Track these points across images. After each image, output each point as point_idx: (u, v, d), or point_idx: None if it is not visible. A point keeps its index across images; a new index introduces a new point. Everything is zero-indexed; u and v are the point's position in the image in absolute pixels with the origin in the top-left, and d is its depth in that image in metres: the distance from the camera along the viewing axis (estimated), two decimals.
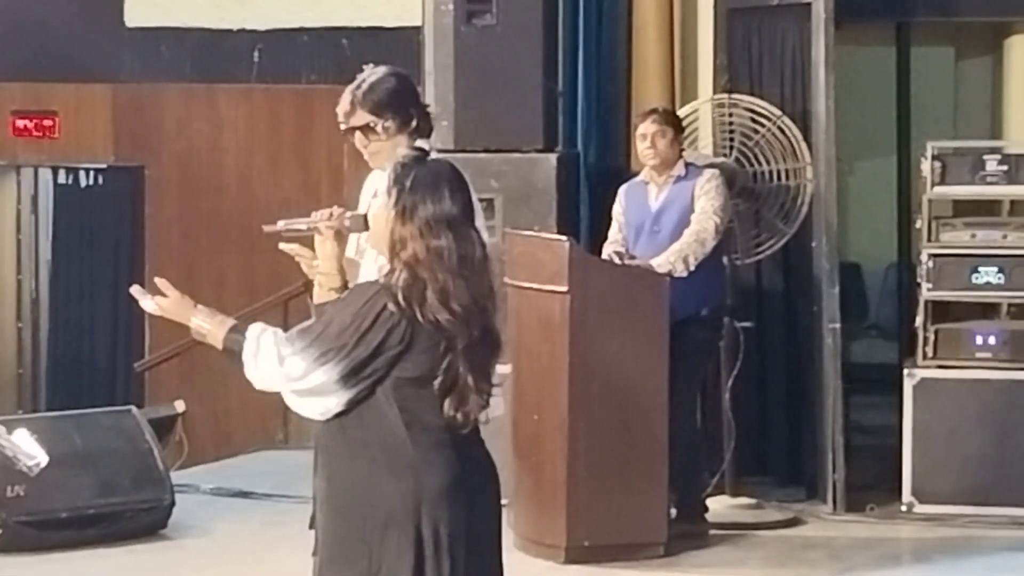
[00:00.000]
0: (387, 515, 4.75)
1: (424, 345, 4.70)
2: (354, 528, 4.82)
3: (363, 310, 4.70)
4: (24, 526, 9.09)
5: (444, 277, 4.67)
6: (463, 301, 4.68)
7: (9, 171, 15.88)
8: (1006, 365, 9.83)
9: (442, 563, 4.74)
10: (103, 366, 15.29)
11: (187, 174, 14.84)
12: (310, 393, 4.74)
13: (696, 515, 9.35)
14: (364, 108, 6.06)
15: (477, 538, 4.84)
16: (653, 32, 10.99)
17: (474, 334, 4.73)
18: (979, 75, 12.22)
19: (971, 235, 10.04)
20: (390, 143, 6.03)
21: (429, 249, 4.68)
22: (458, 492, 4.77)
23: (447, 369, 4.72)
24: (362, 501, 4.80)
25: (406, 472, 4.75)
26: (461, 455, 4.82)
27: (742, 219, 9.92)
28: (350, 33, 14.05)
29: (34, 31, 14.92)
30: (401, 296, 4.66)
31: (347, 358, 4.66)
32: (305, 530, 5.57)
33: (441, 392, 4.73)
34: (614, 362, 8.78)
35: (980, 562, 9.02)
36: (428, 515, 4.74)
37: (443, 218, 4.71)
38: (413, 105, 6.16)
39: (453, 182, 4.81)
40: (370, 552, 4.76)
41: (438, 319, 4.67)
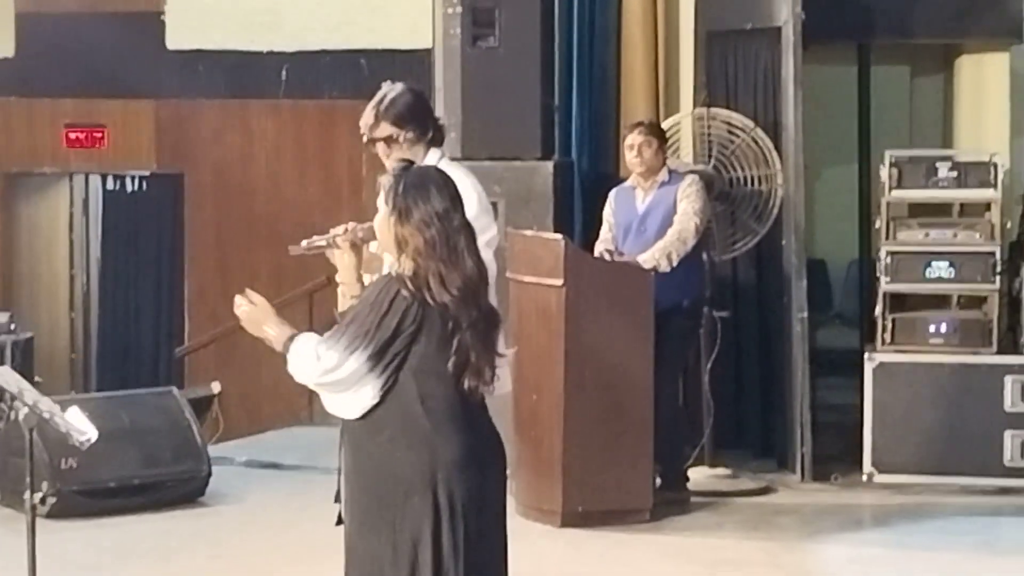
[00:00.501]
0: (407, 485, 4.79)
1: (434, 326, 4.76)
2: (378, 498, 4.85)
3: (379, 299, 4.78)
4: (76, 494, 9.09)
5: (438, 265, 4.77)
6: (458, 284, 4.77)
7: (63, 178, 15.88)
8: (956, 350, 9.81)
9: (456, 526, 4.78)
10: (147, 351, 15.28)
11: (222, 180, 14.82)
12: (347, 386, 4.78)
13: (678, 484, 9.34)
14: (386, 121, 6.07)
15: (486, 504, 4.88)
16: (639, 53, 10.97)
17: (474, 313, 4.80)
18: (932, 91, 12.19)
19: (925, 234, 10.01)
20: (410, 152, 6.03)
21: (425, 240, 4.78)
22: (470, 462, 4.82)
23: (458, 347, 4.78)
24: (384, 474, 4.84)
25: (422, 445, 4.79)
26: (472, 428, 4.86)
27: (719, 220, 9.90)
28: (368, 54, 14.02)
29: (85, 53, 14.89)
30: (410, 283, 4.77)
31: (372, 342, 4.73)
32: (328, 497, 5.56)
33: (456, 368, 4.79)
34: (604, 347, 8.77)
35: (934, 525, 9.00)
36: (443, 483, 4.78)
37: (432, 214, 4.81)
38: (429, 117, 6.17)
39: (438, 183, 4.91)
40: (394, 519, 4.80)
41: (443, 301, 4.74)
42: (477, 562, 4.84)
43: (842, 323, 12.67)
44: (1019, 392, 9.64)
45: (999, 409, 9.66)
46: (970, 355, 9.78)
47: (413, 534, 4.77)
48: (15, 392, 5.76)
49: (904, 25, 10.91)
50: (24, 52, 15.26)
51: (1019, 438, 9.63)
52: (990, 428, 9.66)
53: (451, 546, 4.77)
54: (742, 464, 10.07)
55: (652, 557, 8.32)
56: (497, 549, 4.99)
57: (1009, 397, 9.65)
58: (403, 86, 6.19)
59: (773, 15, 10.11)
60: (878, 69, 11.80)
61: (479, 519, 4.84)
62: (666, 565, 8.19)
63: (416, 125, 6.06)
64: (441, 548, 4.77)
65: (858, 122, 11.68)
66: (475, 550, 4.83)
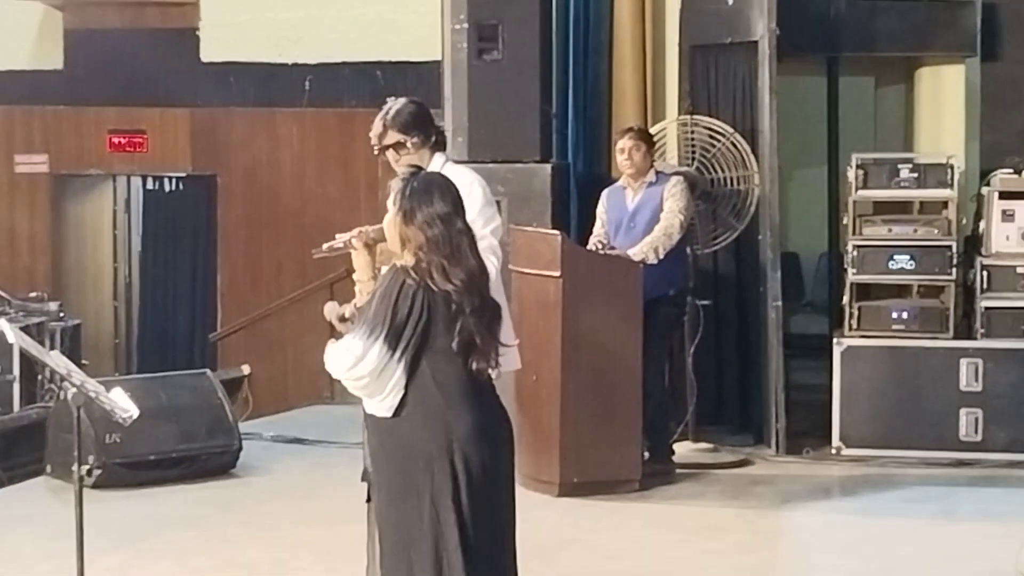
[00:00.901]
0: (427, 458, 4.84)
1: (439, 309, 4.80)
2: (402, 471, 4.89)
3: (389, 288, 4.82)
4: (119, 467, 9.11)
5: (440, 259, 4.81)
6: (461, 276, 4.81)
7: (107, 179, 15.89)
8: (916, 335, 9.81)
9: (473, 492, 4.82)
10: (183, 337, 15.29)
11: (251, 181, 14.84)
12: (374, 378, 4.80)
13: (665, 457, 9.34)
14: (394, 129, 6.07)
15: (498, 474, 4.93)
16: (629, 65, 10.98)
17: (475, 301, 4.83)
18: (894, 99, 12.19)
19: (888, 229, 10.01)
20: (417, 155, 6.04)
21: (428, 239, 4.82)
22: (481, 434, 4.86)
23: (461, 330, 4.80)
24: (405, 448, 4.88)
25: (437, 420, 4.84)
26: (481, 405, 4.90)
27: (702, 217, 9.90)
28: (383, 66, 14.04)
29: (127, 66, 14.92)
30: (413, 271, 4.81)
31: (387, 326, 4.76)
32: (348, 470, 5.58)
33: (462, 350, 4.82)
34: (598, 333, 8.77)
35: (895, 494, 9.01)
36: (459, 452, 4.82)
37: (434, 216, 4.84)
38: (431, 125, 6.17)
39: (441, 188, 4.95)
40: (418, 489, 4.85)
41: (446, 289, 4.78)
42: (490, 526, 4.89)
43: (813, 311, 12.67)
44: (973, 373, 9.65)
45: (955, 389, 9.67)
46: (929, 339, 9.78)
47: (436, 500, 4.82)
48: (64, 374, 5.78)
49: (869, 40, 10.90)
50: (72, 65, 15.29)
51: (973, 415, 9.64)
52: (947, 406, 9.67)
53: (470, 510, 4.82)
54: (722, 439, 10.07)
55: (641, 523, 8.34)
56: (507, 516, 5.03)
57: (964, 378, 9.66)
58: (406, 99, 6.20)
59: (750, 30, 10.11)
60: (845, 80, 11.80)
61: (491, 488, 4.88)
62: (654, 530, 8.20)
63: (420, 131, 6.07)
64: (462, 511, 4.81)
65: (827, 128, 11.68)
66: (489, 515, 4.88)
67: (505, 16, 10.04)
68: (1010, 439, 9.65)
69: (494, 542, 4.93)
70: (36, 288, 14.73)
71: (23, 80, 15.39)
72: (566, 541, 7.92)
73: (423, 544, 4.85)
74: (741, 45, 10.26)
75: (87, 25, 15.23)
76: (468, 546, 4.81)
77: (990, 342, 9.73)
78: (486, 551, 4.87)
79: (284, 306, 14.13)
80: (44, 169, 15.61)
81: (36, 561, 7.54)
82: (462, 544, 4.80)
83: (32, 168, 15.60)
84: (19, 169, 15.62)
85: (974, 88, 10.75)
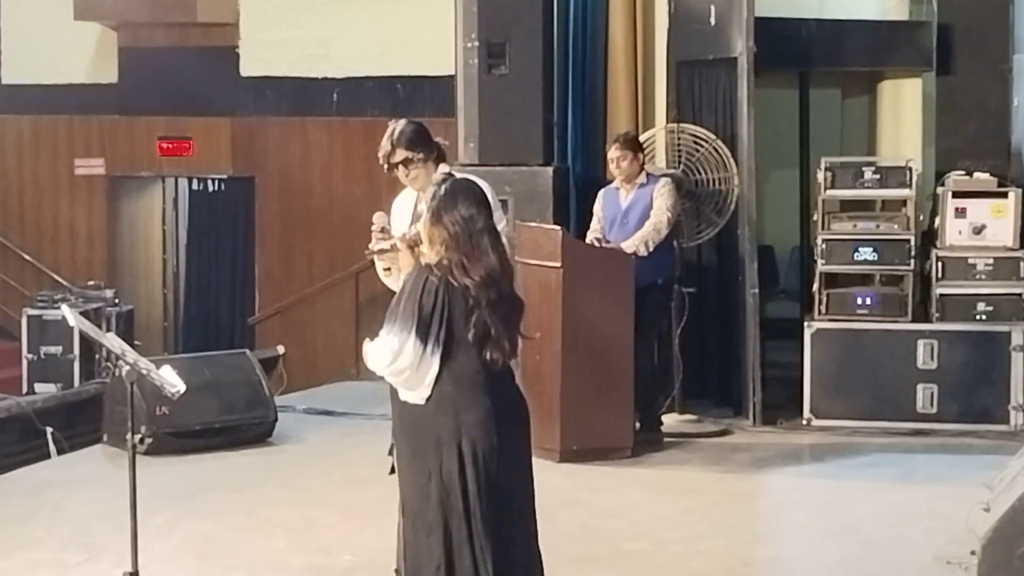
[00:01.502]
0: (437, 440, 4.79)
1: (458, 304, 4.74)
2: (417, 450, 4.86)
3: (415, 285, 4.77)
4: (168, 436, 9.11)
5: (459, 257, 4.76)
6: (480, 273, 4.74)
7: (156, 180, 15.88)
8: (878, 319, 9.81)
9: (479, 471, 4.77)
10: (225, 320, 15.27)
11: (285, 182, 14.81)
12: (412, 371, 4.74)
13: (654, 427, 9.34)
14: (401, 147, 5.96)
15: (508, 456, 4.84)
16: (622, 78, 10.97)
17: (492, 296, 4.75)
18: (859, 109, 12.16)
19: (853, 225, 10.02)
20: (424, 169, 5.99)
21: (449, 236, 4.78)
22: (489, 423, 4.79)
23: (476, 323, 4.74)
24: (420, 431, 4.84)
25: (449, 406, 4.78)
26: (493, 393, 4.82)
27: (687, 214, 9.89)
28: (403, 80, 14.02)
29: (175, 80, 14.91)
30: (435, 269, 4.77)
31: (416, 320, 4.71)
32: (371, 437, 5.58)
33: (477, 342, 4.75)
34: (594, 317, 8.76)
35: (859, 460, 9.01)
36: (467, 438, 4.77)
37: (458, 217, 4.80)
38: (431, 140, 6.08)
39: (466, 192, 4.91)
40: (428, 466, 4.81)
41: (465, 284, 4.72)
42: (501, 503, 4.81)
43: (786, 297, 12.64)
44: (929, 353, 9.64)
45: (913, 367, 9.67)
46: (889, 323, 9.79)
47: (445, 480, 4.77)
48: (119, 353, 5.77)
49: (836, 56, 10.89)
50: (125, 79, 15.27)
51: (929, 390, 9.64)
52: (905, 382, 9.67)
53: (476, 490, 4.76)
54: (705, 411, 10.06)
55: (633, 486, 8.33)
56: (520, 492, 4.94)
57: (921, 357, 9.65)
58: (405, 120, 6.10)
59: (730, 48, 10.08)
60: (815, 92, 11.77)
61: (501, 469, 4.80)
62: (644, 492, 8.20)
63: (423, 147, 5.98)
64: (467, 492, 4.76)
65: (799, 134, 11.65)
66: (499, 494, 4.80)
67: (512, 35, 10.04)
68: (962, 411, 9.65)
69: (504, 523, 4.83)
70: (94, 277, 14.76)
71: (82, 93, 15.39)
72: (566, 501, 7.91)
73: (433, 520, 4.80)
74: (722, 61, 10.24)
75: (139, 44, 15.21)
76: (474, 528, 4.75)
77: (944, 325, 9.73)
78: (496, 531, 4.79)
79: (315, 293, 14.11)
80: (101, 172, 15.59)
81: (95, 519, 7.55)
82: (468, 526, 4.75)
83: (90, 171, 15.59)
84: (78, 172, 15.60)
85: (930, 99, 10.74)
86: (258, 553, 7.04)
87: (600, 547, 7.07)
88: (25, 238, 15.64)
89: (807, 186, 11.28)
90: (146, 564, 5.69)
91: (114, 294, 14.10)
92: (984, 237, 9.76)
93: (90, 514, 7.70)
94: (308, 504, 7.98)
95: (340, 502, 7.98)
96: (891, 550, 7.02)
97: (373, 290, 12.07)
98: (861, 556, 6.96)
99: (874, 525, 7.50)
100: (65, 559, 6.93)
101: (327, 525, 7.55)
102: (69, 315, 6.04)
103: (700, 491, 8.23)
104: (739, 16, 9.88)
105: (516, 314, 4.89)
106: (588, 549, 6.98)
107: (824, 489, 8.32)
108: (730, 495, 8.21)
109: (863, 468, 8.81)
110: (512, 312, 4.87)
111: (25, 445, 10.47)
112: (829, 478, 8.59)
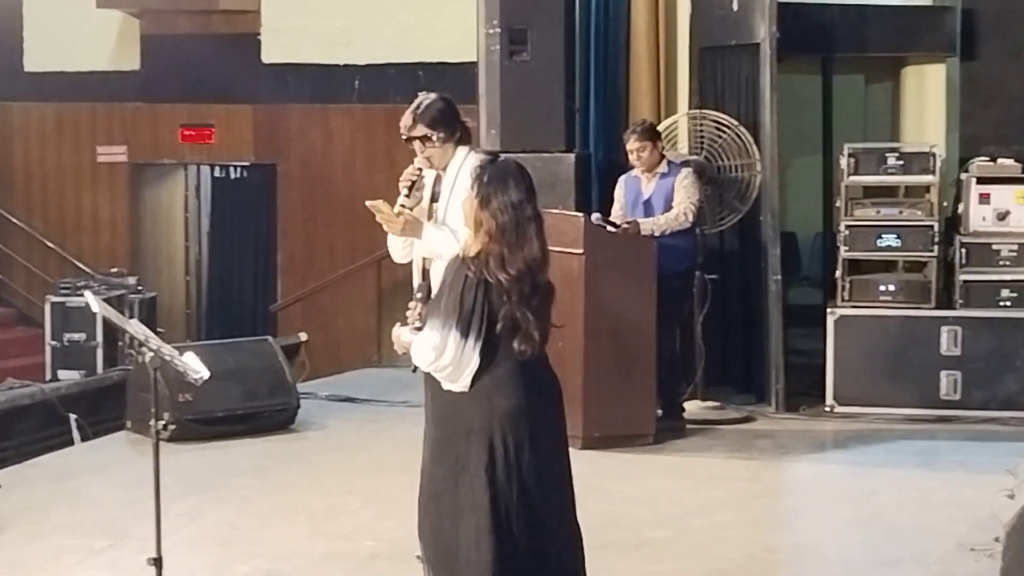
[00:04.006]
0: (468, 427, 4.74)
1: (495, 298, 4.69)
2: (446, 435, 4.81)
3: (455, 280, 4.71)
4: (191, 422, 9.13)
5: (502, 248, 4.68)
6: (518, 265, 4.68)
7: (179, 168, 15.95)
8: (901, 305, 9.78)
9: (510, 463, 4.72)
10: (247, 307, 15.34)
11: (307, 169, 14.85)
12: (458, 363, 4.68)
13: (676, 414, 9.33)
14: (422, 123, 5.86)
15: (539, 444, 4.78)
16: (644, 64, 10.94)
17: (525, 289, 4.71)
18: (882, 95, 12.12)
19: (876, 211, 9.98)
20: (441, 149, 5.91)
21: (497, 225, 4.70)
22: (521, 412, 4.73)
23: (506, 315, 4.68)
24: (452, 416, 4.79)
25: (483, 397, 4.73)
26: (526, 383, 4.77)
27: (709, 200, 9.86)
28: (424, 67, 14.03)
29: (197, 67, 14.95)
30: (472, 263, 4.69)
31: (459, 317, 4.65)
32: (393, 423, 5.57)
33: (507, 332, 4.70)
34: (616, 304, 8.75)
35: (882, 447, 8.99)
36: (499, 428, 4.72)
37: (508, 203, 4.73)
38: (456, 121, 5.95)
39: (516, 176, 4.83)
40: (456, 453, 4.76)
41: (499, 279, 4.67)
42: (535, 491, 4.76)
43: (809, 284, 12.61)
44: (953, 339, 9.62)
45: (936, 353, 9.64)
46: (913, 309, 9.75)
47: (472, 469, 4.72)
48: (143, 340, 5.78)
49: (860, 42, 10.86)
50: (148, 66, 15.33)
51: (952, 377, 9.61)
52: (929, 368, 9.65)
53: (505, 479, 4.71)
54: (728, 398, 10.05)
55: (655, 473, 8.33)
56: (555, 479, 4.87)
57: (944, 343, 9.63)
58: (436, 95, 5.99)
59: (753, 34, 10.06)
60: (838, 78, 11.74)
61: (532, 455, 4.74)
62: (667, 479, 8.19)
63: (445, 127, 5.87)
64: (496, 481, 4.71)
65: (822, 120, 11.63)
66: (532, 483, 4.74)
67: (533, 21, 10.01)
68: (985, 398, 9.63)
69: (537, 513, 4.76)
70: (117, 264, 14.82)
71: (104, 80, 15.45)
72: (589, 488, 7.83)
73: (453, 504, 4.75)
74: (745, 47, 10.22)
75: (161, 31, 15.25)
76: (501, 519, 4.69)
77: (968, 311, 9.69)
78: (528, 522, 4.73)
79: (337, 280, 14.13)
80: (123, 159, 15.65)
81: (119, 505, 7.57)
82: (493, 517, 4.68)
83: (113, 158, 15.65)
84: (101, 159, 15.67)
85: (954, 85, 10.70)
86: (280, 540, 7.05)
87: (623, 534, 7.06)
88: (48, 225, 15.71)
89: (830, 172, 11.25)
90: (169, 550, 5.69)
91: (137, 281, 14.17)
92: (1008, 223, 9.72)
93: (113, 500, 7.72)
94: (330, 491, 7.99)
95: (362, 489, 7.99)
96: (914, 537, 7.00)
97: (395, 277, 12.09)
98: (884, 543, 6.94)
99: (897, 512, 7.48)
100: (89, 545, 6.95)
101: (349, 512, 7.56)
102: (92, 302, 6.04)
103: (723, 478, 8.21)
104: (762, 2, 9.86)
105: (547, 304, 4.85)
106: (611, 536, 6.97)
107: (847, 476, 8.30)
108: (753, 482, 8.19)
109: (886, 455, 8.78)
110: (544, 303, 4.82)
111: (49, 432, 10.52)
112: (852, 465, 8.56)
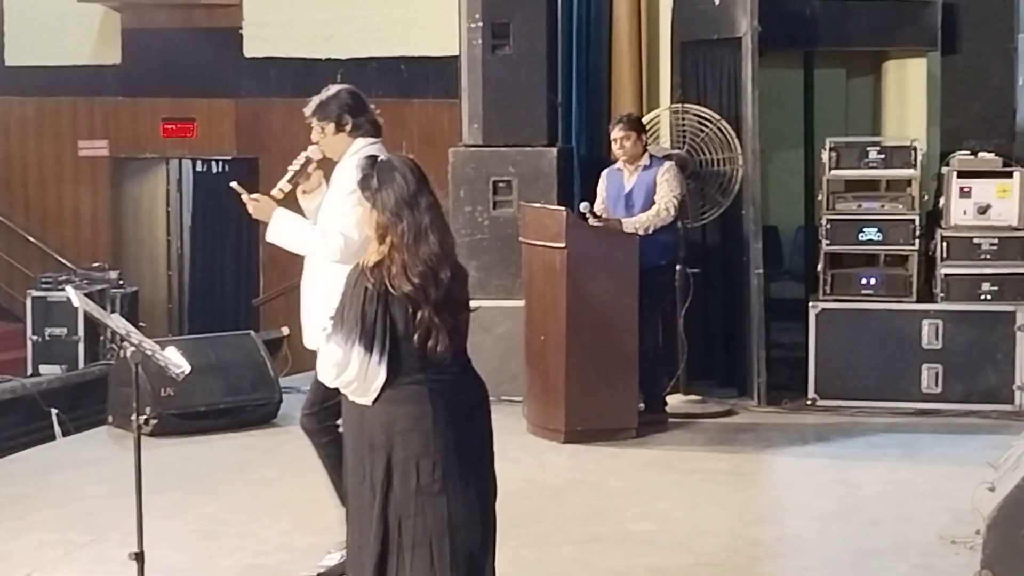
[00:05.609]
0: (371, 440, 4.68)
1: (398, 309, 4.58)
2: (355, 448, 4.77)
3: (355, 291, 4.59)
4: (173, 417, 9.12)
5: (403, 256, 4.56)
6: (420, 269, 4.56)
7: (160, 162, 15.92)
8: (883, 299, 9.80)
9: (408, 474, 4.61)
10: (229, 302, 15.32)
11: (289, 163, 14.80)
12: (363, 379, 4.58)
13: (659, 407, 9.34)
14: (311, 113, 6.13)
15: (450, 459, 4.64)
16: (626, 59, 10.94)
17: (431, 292, 4.58)
18: (864, 89, 12.14)
19: (858, 205, 9.99)
20: (332, 140, 6.07)
21: (399, 231, 4.58)
22: (419, 426, 4.62)
23: (419, 323, 4.57)
24: (359, 430, 4.74)
25: (384, 411, 4.65)
26: (432, 397, 4.63)
27: (691, 194, 9.86)
28: (407, 61, 14.04)
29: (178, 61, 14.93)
30: (371, 274, 4.57)
31: (361, 331, 4.55)
32: None
33: (420, 342, 4.59)
34: (599, 298, 8.75)
35: (863, 440, 9.00)
36: (398, 443, 4.63)
37: (403, 200, 4.61)
38: (353, 114, 6.02)
39: (403, 169, 4.69)
40: (363, 465, 4.71)
41: (404, 292, 4.56)
42: (437, 510, 4.62)
43: (791, 277, 12.64)
44: (934, 333, 9.64)
45: (917, 347, 9.66)
46: (894, 303, 9.77)
47: (375, 481, 4.66)
48: (124, 334, 5.77)
49: (841, 36, 10.85)
50: (129, 60, 15.30)
51: (933, 370, 9.64)
52: (910, 362, 9.67)
53: (403, 494, 4.62)
54: (710, 392, 10.05)
55: (638, 466, 8.34)
56: (464, 495, 4.67)
57: (925, 337, 9.65)
58: (342, 87, 6.11)
59: (735, 28, 10.06)
60: (820, 72, 11.76)
61: (439, 475, 4.60)
62: (649, 473, 8.20)
63: (334, 119, 6.03)
64: (392, 499, 4.63)
65: (804, 115, 11.64)
66: (435, 500, 4.61)
67: (515, 15, 10.01)
68: (966, 391, 9.65)
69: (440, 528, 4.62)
70: (98, 259, 14.78)
71: (85, 74, 15.41)
72: (572, 482, 7.92)
73: (368, 519, 4.69)
74: (727, 41, 10.22)
75: (142, 24, 15.22)
76: (404, 536, 4.61)
77: (949, 305, 9.71)
78: (429, 538, 4.62)
79: None
80: (105, 153, 15.62)
81: (101, 500, 7.56)
82: (392, 530, 4.62)
83: (94, 152, 15.62)
84: (82, 153, 15.63)
85: (935, 79, 10.71)
86: (264, 534, 7.06)
87: (606, 527, 7.07)
88: (29, 220, 15.67)
89: (812, 166, 11.27)
90: (152, 544, 5.68)
91: (118, 276, 14.13)
92: (989, 217, 9.74)
93: (96, 495, 7.71)
94: (313, 485, 7.93)
95: None
96: (896, 529, 7.02)
97: None
98: (866, 535, 6.96)
99: (879, 505, 7.50)
100: (71, 539, 6.94)
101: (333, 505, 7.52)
102: (74, 296, 6.03)
103: (705, 471, 8.22)
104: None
105: (460, 300, 4.70)
106: (593, 529, 6.99)
107: (829, 469, 8.31)
108: (735, 475, 8.20)
109: (868, 448, 8.80)
110: (456, 301, 4.67)
111: (30, 426, 10.52)
112: (834, 458, 8.58)
